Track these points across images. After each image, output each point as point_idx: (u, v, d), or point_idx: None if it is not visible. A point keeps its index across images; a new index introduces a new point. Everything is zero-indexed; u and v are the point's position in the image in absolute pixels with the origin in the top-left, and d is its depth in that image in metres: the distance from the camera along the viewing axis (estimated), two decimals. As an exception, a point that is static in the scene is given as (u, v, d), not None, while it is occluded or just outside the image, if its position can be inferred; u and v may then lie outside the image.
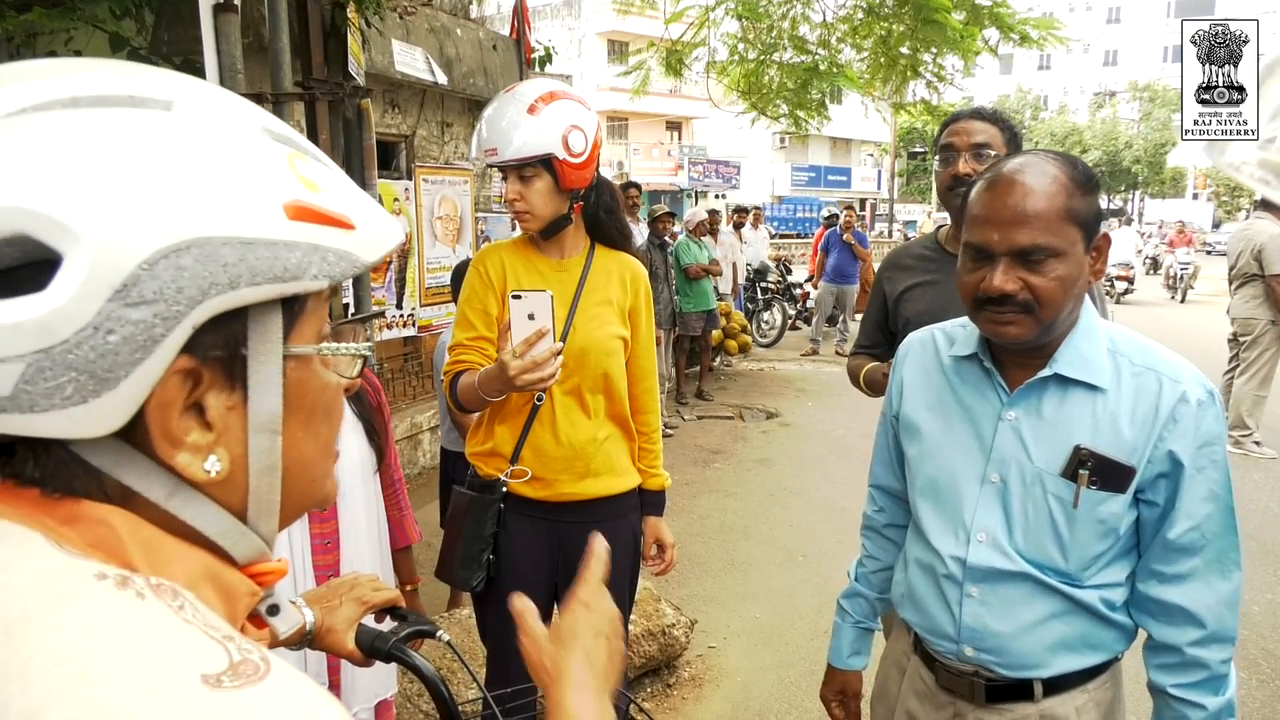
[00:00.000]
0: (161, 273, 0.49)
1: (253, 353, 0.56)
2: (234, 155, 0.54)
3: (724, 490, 5.75)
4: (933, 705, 1.50)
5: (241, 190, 0.53)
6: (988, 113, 2.16)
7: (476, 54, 6.60)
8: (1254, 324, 6.37)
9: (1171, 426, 1.28)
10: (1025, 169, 1.27)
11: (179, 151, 0.51)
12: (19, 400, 0.48)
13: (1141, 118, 42.58)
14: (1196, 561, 1.31)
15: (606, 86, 29.69)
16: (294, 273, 0.54)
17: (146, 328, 0.49)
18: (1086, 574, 1.35)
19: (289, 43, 3.02)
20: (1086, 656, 1.37)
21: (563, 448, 2.06)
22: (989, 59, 8.24)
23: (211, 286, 0.51)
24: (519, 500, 2.08)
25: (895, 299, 2.30)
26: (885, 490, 1.68)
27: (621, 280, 2.16)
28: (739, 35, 8.41)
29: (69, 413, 0.49)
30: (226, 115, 0.55)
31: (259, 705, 0.45)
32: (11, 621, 0.45)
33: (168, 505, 0.55)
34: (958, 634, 1.41)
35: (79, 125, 0.49)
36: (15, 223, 0.47)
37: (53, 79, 0.51)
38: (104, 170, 0.49)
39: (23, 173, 0.47)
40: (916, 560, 1.50)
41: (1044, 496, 1.33)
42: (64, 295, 0.47)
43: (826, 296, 11.03)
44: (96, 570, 0.49)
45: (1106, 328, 1.38)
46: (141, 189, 0.49)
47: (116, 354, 0.49)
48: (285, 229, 0.54)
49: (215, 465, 0.56)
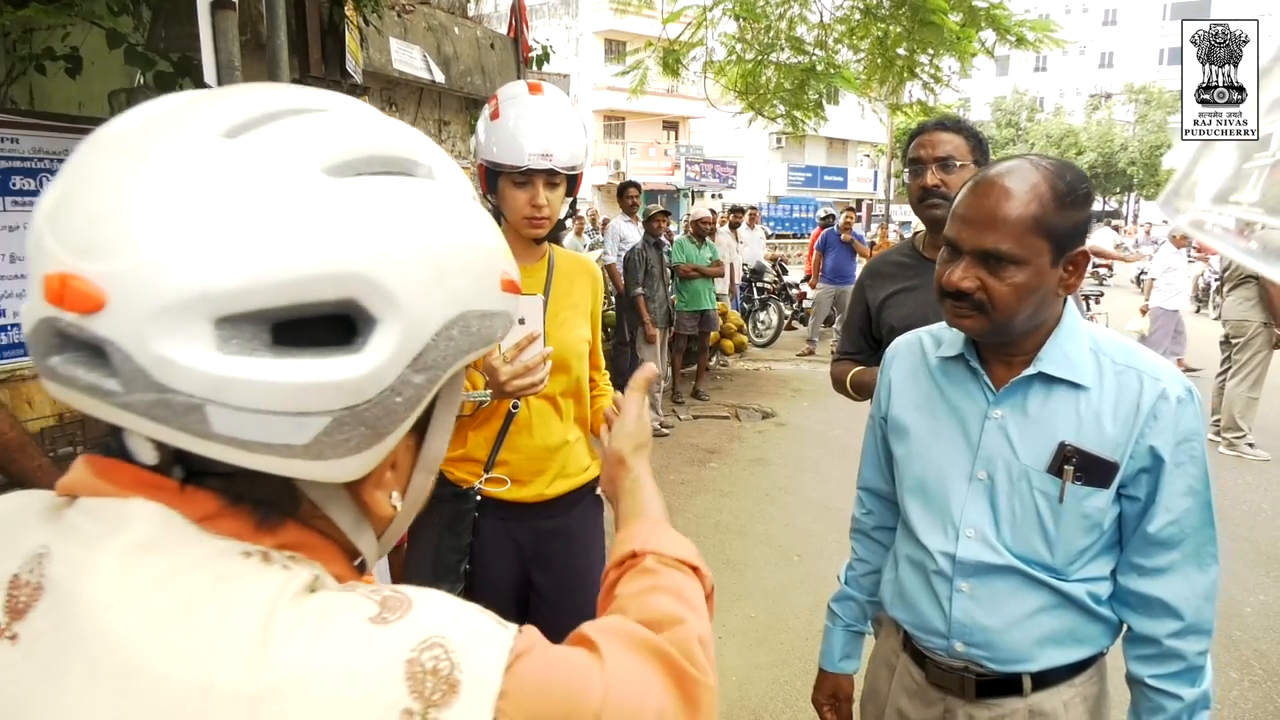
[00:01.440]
0: (442, 344, 0.54)
1: (440, 404, 0.61)
2: (481, 230, 0.58)
3: (719, 490, 5.75)
4: (923, 702, 1.51)
5: (487, 265, 0.57)
6: (951, 123, 2.18)
7: (474, 52, 6.60)
8: (1246, 326, 6.39)
9: (1152, 423, 1.31)
10: (1008, 174, 1.29)
11: (454, 226, 0.55)
12: (311, 449, 0.50)
13: (1137, 120, 42.68)
14: (1175, 555, 1.34)
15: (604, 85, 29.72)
16: (493, 337, 0.59)
17: (420, 389, 0.54)
18: (1072, 568, 1.37)
19: (286, 40, 3.01)
20: (1073, 650, 1.40)
21: (538, 451, 2.04)
22: (985, 60, 8.27)
23: (460, 353, 0.55)
24: (492, 504, 2.04)
25: (877, 306, 2.32)
26: (874, 492, 1.69)
27: (583, 283, 2.15)
28: (736, 35, 8.42)
29: (343, 461, 0.52)
30: (466, 185, 0.59)
31: (425, 622, 0.50)
32: (178, 602, 0.48)
33: (351, 535, 0.60)
34: (948, 629, 1.43)
35: (384, 192, 0.52)
36: (350, 289, 0.49)
37: (340, 136, 0.53)
38: (412, 243, 0.51)
39: (354, 240, 0.49)
40: (906, 558, 1.52)
41: (1030, 492, 1.36)
42: (378, 359, 0.50)
43: (825, 298, 11.02)
44: (241, 549, 0.52)
45: (1088, 328, 1.42)
46: (439, 264, 0.53)
47: (397, 413, 0.53)
48: (500, 300, 0.59)
49: (399, 501, 0.61)
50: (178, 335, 0.46)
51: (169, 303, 0.46)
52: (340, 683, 0.46)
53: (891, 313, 2.25)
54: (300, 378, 0.48)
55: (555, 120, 1.94)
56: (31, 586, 0.50)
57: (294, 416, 0.49)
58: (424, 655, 0.49)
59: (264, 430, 0.49)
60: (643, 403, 1.08)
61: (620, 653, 0.61)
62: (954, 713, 1.46)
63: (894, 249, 2.46)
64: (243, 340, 0.48)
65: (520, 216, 1.95)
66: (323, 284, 0.48)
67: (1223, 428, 6.48)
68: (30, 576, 0.51)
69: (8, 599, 0.50)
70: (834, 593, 1.76)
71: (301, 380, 0.48)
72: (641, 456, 1.01)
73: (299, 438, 0.50)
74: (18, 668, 0.48)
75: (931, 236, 2.25)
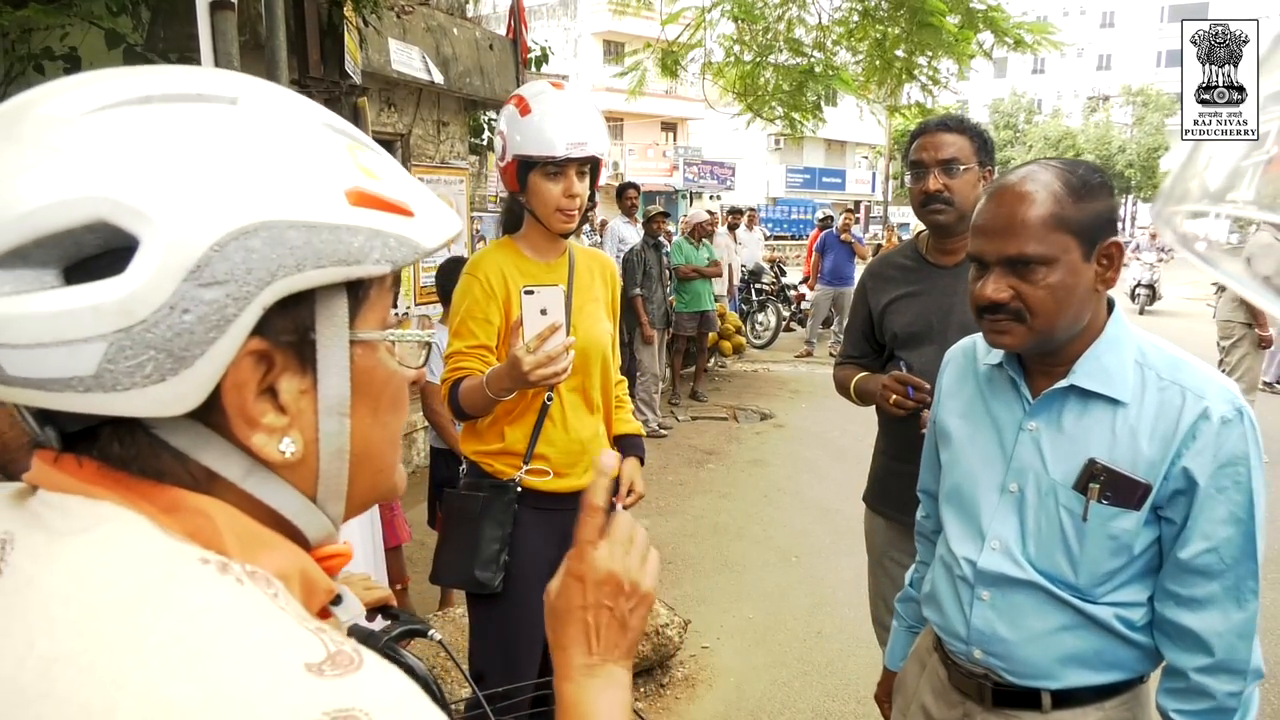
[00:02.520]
0: (232, 254, 0.52)
1: (321, 336, 0.59)
2: (296, 145, 0.57)
3: (718, 491, 5.75)
4: (945, 703, 1.52)
5: (305, 177, 0.56)
6: (954, 122, 2.14)
7: (473, 53, 6.60)
8: (1232, 327, 6.40)
9: (1190, 443, 1.25)
10: (1020, 180, 1.29)
11: (245, 141, 0.54)
12: (102, 379, 0.51)
13: (1135, 122, 42.74)
14: (1214, 587, 1.26)
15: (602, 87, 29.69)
16: (357, 256, 0.57)
17: (219, 307, 0.52)
18: (1100, 590, 1.33)
19: (285, 40, 3.01)
20: (1102, 674, 1.36)
21: (573, 443, 2.11)
22: (983, 62, 8.28)
23: (279, 268, 0.53)
24: (532, 495, 2.10)
25: (880, 311, 2.29)
26: (932, 495, 1.67)
27: (603, 277, 2.23)
28: (734, 37, 8.42)
29: (148, 392, 0.52)
30: (288, 109, 0.58)
31: (360, 692, 0.47)
32: (124, 598, 0.48)
33: (244, 484, 0.58)
34: (967, 635, 1.43)
35: (150, 119, 0.53)
36: (95, 210, 0.50)
37: (125, 80, 0.54)
38: (175, 159, 0.52)
39: (100, 164, 0.50)
40: (940, 559, 1.53)
41: (1056, 508, 1.33)
42: (142, 277, 0.50)
43: (823, 300, 11.02)
44: (199, 555, 0.52)
45: (1140, 338, 1.35)
46: (210, 176, 0.52)
47: (192, 333, 0.51)
48: (347, 214, 0.57)
49: (290, 447, 0.58)
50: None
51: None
52: (245, 717, 0.44)
53: (894, 319, 2.24)
54: (62, 306, 0.50)
55: (584, 111, 2.02)
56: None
57: (66, 345, 0.50)
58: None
59: (48, 365, 0.51)
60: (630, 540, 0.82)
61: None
62: (973, 718, 1.46)
63: (896, 250, 2.44)
64: (21, 282, 0.50)
65: (553, 209, 2.03)
66: (62, 210, 0.49)
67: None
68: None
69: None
70: (899, 593, 1.79)
71: (63, 308, 0.50)
72: (583, 677, 0.78)
73: (83, 368, 0.51)
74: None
75: (935, 240, 2.23)
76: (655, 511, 5.27)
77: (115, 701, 0.44)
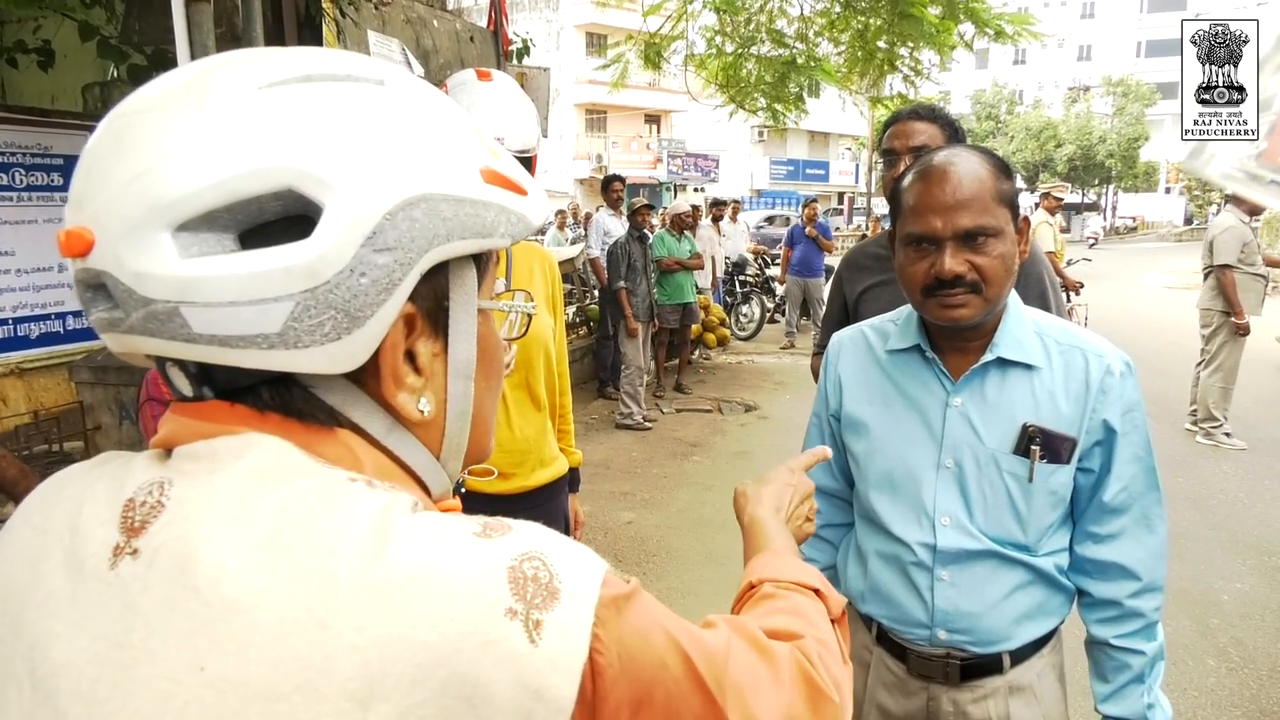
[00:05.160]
0: (400, 223, 0.56)
1: (454, 303, 0.64)
2: (440, 124, 0.62)
3: (702, 483, 5.76)
4: (904, 694, 1.52)
5: (450, 154, 0.61)
6: (926, 111, 2.16)
7: (454, 45, 6.56)
8: (1211, 315, 6.47)
9: (1101, 397, 1.38)
10: (954, 159, 1.35)
11: (401, 119, 0.59)
12: (286, 336, 0.54)
13: (1115, 112, 42.99)
14: (1126, 520, 1.42)
15: (585, 79, 29.65)
16: (489, 230, 0.62)
17: (389, 271, 0.56)
18: (1042, 543, 1.43)
19: (263, 33, 2.98)
20: (1043, 624, 1.45)
21: (518, 441, 2.04)
22: (964, 53, 8.31)
23: (434, 238, 0.58)
24: (477, 498, 2.02)
25: (855, 299, 2.31)
26: (822, 492, 1.65)
27: (541, 270, 2.14)
28: (717, 28, 8.42)
29: (326, 349, 0.56)
30: (425, 91, 0.63)
31: (526, 541, 0.56)
32: (294, 509, 0.53)
33: (386, 441, 0.62)
34: (930, 619, 1.44)
35: (318, 96, 0.57)
36: (284, 179, 0.53)
37: (286, 59, 0.59)
38: (349, 133, 0.56)
39: (286, 136, 0.54)
40: (878, 553, 1.52)
41: (999, 475, 1.40)
42: (328, 242, 0.54)
43: (794, 289, 11.05)
44: (347, 475, 0.57)
45: (1027, 311, 1.46)
46: (380, 150, 0.57)
47: (366, 294, 0.56)
48: (482, 190, 0.62)
49: (427, 406, 0.63)
50: (145, 249, 0.53)
51: (132, 222, 0.53)
52: (451, 579, 0.51)
53: (869, 306, 2.24)
54: (255, 268, 0.53)
55: (505, 105, 1.95)
56: (150, 505, 0.55)
57: (257, 304, 0.53)
58: (524, 565, 0.54)
59: (236, 323, 0.54)
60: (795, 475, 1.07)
61: (745, 645, 0.67)
62: (937, 700, 1.48)
63: (872, 240, 2.46)
64: (206, 245, 0.54)
65: None
66: (254, 178, 0.53)
67: (1199, 418, 6.55)
68: (148, 498, 0.55)
69: (122, 520, 0.55)
70: None
71: (256, 269, 0.53)
72: (771, 511, 1.01)
73: (270, 325, 0.54)
74: (144, 579, 0.53)
75: None
76: (640, 504, 5.27)
77: (332, 593, 0.50)
